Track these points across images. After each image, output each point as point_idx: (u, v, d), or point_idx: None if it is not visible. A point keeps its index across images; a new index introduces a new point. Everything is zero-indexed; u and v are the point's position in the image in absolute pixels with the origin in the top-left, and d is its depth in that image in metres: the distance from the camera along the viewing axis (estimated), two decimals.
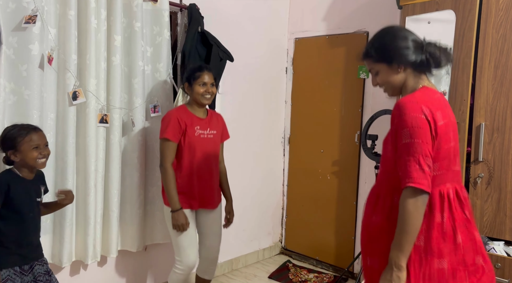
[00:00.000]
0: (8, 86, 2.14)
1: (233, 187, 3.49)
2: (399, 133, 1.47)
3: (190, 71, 2.50)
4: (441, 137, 1.47)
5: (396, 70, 1.57)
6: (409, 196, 1.43)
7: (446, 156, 1.51)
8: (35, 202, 1.98)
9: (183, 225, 2.39)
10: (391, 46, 1.56)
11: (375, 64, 1.61)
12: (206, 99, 2.47)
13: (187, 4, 2.91)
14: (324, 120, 3.62)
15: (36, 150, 1.91)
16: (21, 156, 1.89)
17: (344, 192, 3.51)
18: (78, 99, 2.36)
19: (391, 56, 1.56)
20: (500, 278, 2.24)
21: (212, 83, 2.50)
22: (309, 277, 3.44)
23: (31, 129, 1.92)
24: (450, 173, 1.54)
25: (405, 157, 1.45)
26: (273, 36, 3.72)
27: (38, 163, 1.93)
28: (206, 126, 2.50)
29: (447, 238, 1.49)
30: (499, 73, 2.31)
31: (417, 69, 1.56)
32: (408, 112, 1.44)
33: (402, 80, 1.58)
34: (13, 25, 2.12)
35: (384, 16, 3.19)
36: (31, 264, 1.97)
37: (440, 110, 1.49)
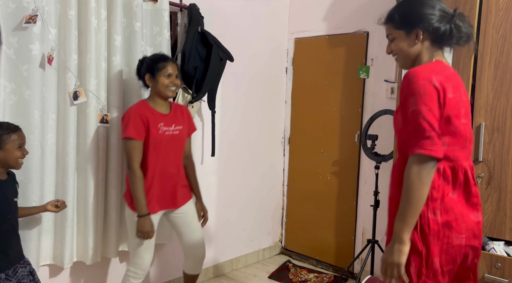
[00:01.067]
0: (8, 86, 2.14)
1: (233, 187, 3.51)
2: (407, 101, 1.44)
3: (152, 61, 2.33)
4: (450, 110, 1.43)
5: (413, 40, 1.53)
6: (414, 163, 1.38)
7: (459, 132, 1.47)
8: (13, 202, 1.92)
9: (148, 232, 2.25)
10: (416, 11, 1.52)
11: (394, 30, 1.58)
12: (171, 92, 2.33)
13: (187, 4, 2.91)
14: (324, 120, 3.62)
15: (20, 149, 1.88)
16: (4, 155, 1.85)
17: (344, 192, 3.52)
18: (79, 99, 2.36)
19: (414, 21, 1.52)
20: (500, 278, 2.24)
21: (177, 75, 2.36)
22: (309, 277, 3.44)
23: (15, 128, 1.89)
24: (466, 151, 1.51)
25: (412, 124, 1.41)
26: (273, 36, 3.72)
27: (18, 163, 1.90)
28: (170, 122, 2.36)
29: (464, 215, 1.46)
30: (499, 73, 2.31)
31: (436, 40, 1.52)
32: (417, 80, 1.41)
33: (417, 52, 1.55)
34: (13, 25, 2.12)
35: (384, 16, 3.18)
36: (14, 267, 1.92)
37: (451, 84, 1.45)
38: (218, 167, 3.36)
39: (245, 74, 3.50)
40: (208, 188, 3.30)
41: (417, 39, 1.53)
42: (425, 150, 1.36)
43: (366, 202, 3.36)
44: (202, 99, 3.02)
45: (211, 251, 3.38)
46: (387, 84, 3.20)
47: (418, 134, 1.39)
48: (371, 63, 3.31)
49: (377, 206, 3.02)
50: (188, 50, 2.81)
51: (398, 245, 1.41)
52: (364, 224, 3.40)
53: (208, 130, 3.18)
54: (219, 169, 3.38)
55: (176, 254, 3.04)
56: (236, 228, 3.58)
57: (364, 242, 3.37)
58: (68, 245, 2.40)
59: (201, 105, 3.10)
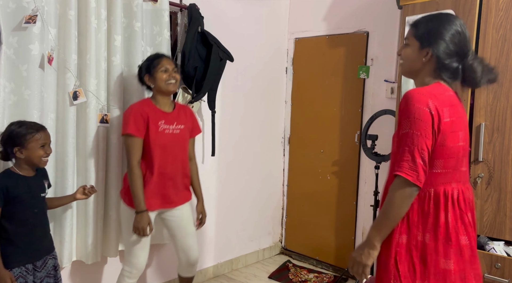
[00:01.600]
0: (8, 86, 2.13)
1: (233, 187, 3.51)
2: (401, 123, 1.46)
3: (148, 61, 2.35)
4: (446, 134, 1.45)
5: (422, 56, 1.53)
6: (398, 185, 1.44)
7: (453, 155, 1.48)
8: (39, 197, 2.03)
9: (143, 229, 2.23)
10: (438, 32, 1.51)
11: (412, 38, 1.57)
12: (171, 86, 2.32)
13: (187, 4, 2.91)
14: (324, 121, 3.62)
15: (43, 148, 1.97)
16: (27, 153, 1.94)
17: (344, 192, 3.52)
18: (79, 99, 2.36)
19: (430, 41, 1.51)
20: (500, 278, 2.24)
21: (174, 68, 2.35)
22: (309, 277, 3.44)
23: (39, 128, 1.99)
24: (457, 173, 1.52)
25: (402, 146, 1.45)
26: (273, 36, 3.72)
27: (42, 161, 1.99)
28: (172, 121, 2.35)
29: (451, 239, 1.48)
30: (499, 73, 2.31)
31: (440, 69, 1.52)
32: (413, 103, 1.43)
33: (420, 69, 1.55)
34: (13, 25, 2.12)
35: (384, 16, 3.19)
36: (44, 258, 2.03)
37: (449, 107, 1.46)
38: (218, 167, 3.36)
39: (245, 74, 3.50)
40: (208, 188, 3.30)
41: (425, 58, 1.53)
42: (405, 174, 1.42)
43: (366, 202, 3.36)
44: (202, 99, 3.02)
45: (211, 251, 3.38)
46: (387, 84, 3.20)
47: (404, 157, 1.43)
48: (371, 63, 3.31)
49: (377, 206, 3.02)
50: (188, 50, 2.81)
51: (368, 249, 1.50)
52: (364, 224, 3.40)
53: (208, 130, 3.18)
54: (219, 169, 3.38)
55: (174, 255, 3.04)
56: (236, 228, 3.58)
57: None
58: (67, 244, 2.40)
59: (201, 105, 3.10)
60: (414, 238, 1.50)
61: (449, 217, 1.48)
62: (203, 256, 3.31)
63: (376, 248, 1.50)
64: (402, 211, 1.45)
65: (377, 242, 1.49)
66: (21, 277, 1.93)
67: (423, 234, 1.49)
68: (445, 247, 1.48)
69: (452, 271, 1.47)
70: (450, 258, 1.48)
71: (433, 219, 1.48)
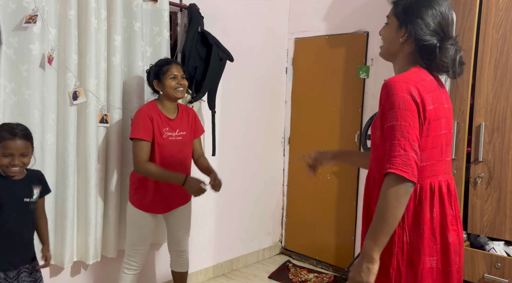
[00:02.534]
0: (8, 86, 2.13)
1: (234, 187, 3.50)
2: (385, 114, 1.35)
3: (157, 67, 2.40)
4: (430, 123, 1.36)
5: (399, 36, 1.44)
6: (390, 183, 1.30)
7: (437, 145, 1.39)
8: (22, 202, 1.88)
9: (200, 188, 2.33)
10: (416, 10, 1.41)
11: (392, 16, 1.49)
12: (179, 93, 2.38)
13: (187, 4, 2.91)
14: (324, 121, 3.62)
15: (7, 158, 1.80)
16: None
17: (344, 192, 3.52)
18: (79, 99, 2.36)
19: (408, 19, 1.42)
20: (500, 278, 2.24)
21: (182, 75, 2.41)
22: (309, 277, 3.44)
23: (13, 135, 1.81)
24: (442, 164, 1.42)
25: (389, 140, 1.32)
26: (273, 36, 3.72)
27: (7, 170, 1.83)
28: (175, 128, 2.41)
29: (437, 236, 1.40)
30: (499, 73, 2.31)
31: (419, 51, 1.42)
32: (396, 92, 1.32)
33: (397, 49, 1.46)
34: (13, 25, 2.12)
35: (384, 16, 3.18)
36: (18, 269, 1.88)
37: (431, 93, 1.37)
38: (218, 167, 3.36)
39: (245, 74, 3.50)
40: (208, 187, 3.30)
41: (402, 38, 1.44)
42: (400, 171, 1.28)
43: None
44: (202, 99, 3.02)
45: (211, 251, 3.38)
46: None
47: (394, 152, 1.30)
48: (371, 63, 3.31)
49: None
50: (188, 50, 2.81)
51: (367, 263, 1.33)
52: None
53: (209, 130, 3.18)
54: (220, 169, 3.37)
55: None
56: (236, 228, 3.58)
57: None
58: (68, 245, 2.41)
59: (201, 105, 3.10)
60: (399, 239, 1.40)
61: (435, 213, 1.39)
62: (203, 256, 3.31)
63: (376, 261, 1.33)
64: (399, 212, 1.31)
65: (376, 253, 1.32)
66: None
67: (408, 233, 1.39)
68: (430, 245, 1.39)
69: (436, 269, 1.40)
70: (434, 256, 1.40)
71: (418, 217, 1.38)
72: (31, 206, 1.93)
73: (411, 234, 1.39)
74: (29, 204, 1.92)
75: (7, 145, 1.80)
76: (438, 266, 1.41)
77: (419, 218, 1.39)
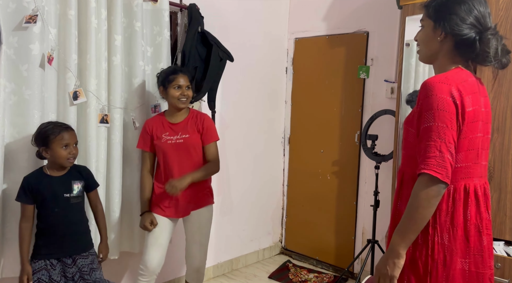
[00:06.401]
0: (8, 86, 2.13)
1: (233, 187, 3.51)
2: (423, 115, 1.35)
3: (164, 74, 2.44)
4: (468, 125, 1.36)
5: (436, 36, 1.43)
6: (423, 183, 1.31)
7: (473, 147, 1.39)
8: (62, 197, 2.07)
9: (145, 226, 2.43)
10: (450, 7, 1.41)
11: (425, 18, 1.48)
12: (182, 103, 2.41)
13: (187, 4, 2.91)
14: (324, 120, 3.62)
15: (66, 149, 2.03)
16: (51, 153, 2.02)
17: (344, 192, 3.52)
18: (79, 99, 2.35)
19: (442, 17, 1.41)
20: (500, 278, 2.24)
21: (188, 86, 2.43)
22: (309, 277, 3.44)
23: (63, 128, 2.05)
24: (478, 167, 1.42)
25: (425, 141, 1.33)
26: (273, 36, 3.72)
27: (67, 162, 2.06)
28: (177, 132, 2.42)
29: (470, 238, 1.40)
30: (499, 73, 2.31)
31: (459, 47, 1.41)
32: (435, 93, 1.32)
33: (437, 49, 1.45)
34: (13, 25, 2.12)
35: (384, 16, 3.19)
36: (73, 257, 2.10)
37: (471, 95, 1.37)
38: None
39: (245, 74, 3.50)
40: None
41: (440, 37, 1.43)
42: (434, 172, 1.29)
43: (366, 202, 3.36)
44: (202, 99, 3.02)
45: (211, 251, 3.38)
46: (387, 84, 3.20)
47: (429, 153, 1.31)
48: (371, 63, 3.31)
49: (377, 206, 3.02)
50: (188, 50, 2.81)
51: (393, 258, 1.38)
52: (364, 224, 3.40)
53: None
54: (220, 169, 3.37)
55: (176, 255, 3.04)
56: (236, 228, 3.58)
57: (364, 242, 3.37)
58: None
59: (201, 105, 3.10)
60: (431, 238, 1.40)
61: (469, 216, 1.39)
62: None
63: (402, 256, 1.37)
64: (429, 212, 1.33)
65: (402, 249, 1.36)
66: (44, 270, 2.04)
67: (440, 233, 1.39)
68: (463, 246, 1.39)
69: (468, 271, 1.40)
70: (467, 258, 1.40)
71: (451, 218, 1.39)
72: (72, 200, 2.10)
73: (443, 234, 1.39)
74: (70, 199, 2.10)
75: (64, 136, 2.02)
76: (471, 269, 1.41)
77: (452, 219, 1.40)
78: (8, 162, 2.14)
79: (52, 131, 2.01)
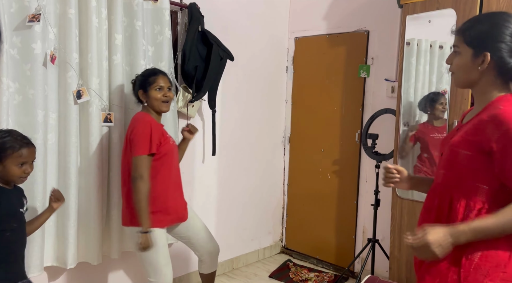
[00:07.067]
0: (12, 86, 2.13)
1: (234, 186, 3.51)
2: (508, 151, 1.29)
3: (143, 76, 2.31)
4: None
5: (478, 64, 1.37)
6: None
7: None
8: (19, 212, 1.84)
9: (146, 246, 2.15)
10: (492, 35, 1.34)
11: (463, 45, 1.40)
12: (164, 106, 2.29)
13: (187, 3, 2.91)
14: (324, 120, 3.62)
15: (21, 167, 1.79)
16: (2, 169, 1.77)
17: (344, 191, 3.52)
18: (83, 98, 2.35)
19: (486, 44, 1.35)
20: None
21: (169, 87, 2.31)
22: (309, 276, 3.44)
23: (24, 144, 1.80)
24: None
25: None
26: (273, 35, 3.72)
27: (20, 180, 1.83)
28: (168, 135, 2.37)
29: None
30: None
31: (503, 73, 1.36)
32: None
33: (477, 77, 1.39)
34: (16, 25, 2.12)
35: (385, 15, 3.19)
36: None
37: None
38: (218, 166, 3.36)
39: (245, 73, 3.50)
40: (209, 187, 3.31)
41: (481, 66, 1.36)
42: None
43: (366, 201, 3.37)
44: (203, 99, 3.02)
45: None
46: (387, 83, 3.20)
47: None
48: (371, 62, 3.31)
49: (377, 205, 3.02)
50: (188, 50, 2.81)
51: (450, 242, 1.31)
52: (364, 223, 3.40)
53: (209, 130, 3.18)
54: (220, 168, 3.38)
55: (178, 254, 3.04)
56: (236, 227, 3.58)
57: (364, 241, 3.37)
58: (72, 246, 2.39)
59: (202, 104, 3.10)
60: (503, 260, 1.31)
61: None
62: None
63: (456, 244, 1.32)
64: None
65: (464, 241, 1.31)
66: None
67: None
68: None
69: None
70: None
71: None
72: (23, 217, 1.87)
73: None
74: (23, 215, 1.87)
75: (23, 153, 1.78)
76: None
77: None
78: None
79: (10, 145, 1.75)
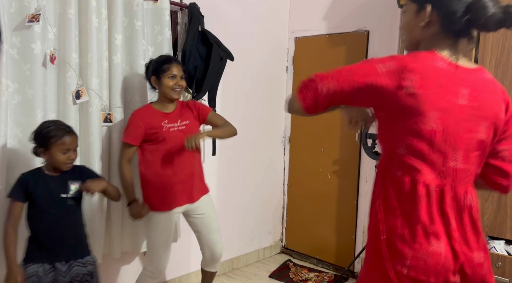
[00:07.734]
0: (11, 86, 2.13)
1: (234, 186, 3.51)
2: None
3: (157, 63, 2.37)
4: None
5: (420, 19, 1.23)
6: None
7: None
8: (58, 198, 1.96)
9: (137, 213, 2.33)
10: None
11: (408, 2, 1.29)
12: (176, 93, 2.37)
13: (187, 3, 2.91)
14: (324, 120, 3.61)
15: (65, 154, 1.93)
16: (49, 156, 1.93)
17: (344, 191, 3.52)
18: (82, 98, 2.35)
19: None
20: (500, 277, 2.24)
21: (182, 76, 2.39)
22: (309, 276, 3.44)
23: (65, 132, 1.94)
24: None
25: None
26: (273, 35, 3.72)
27: (65, 166, 1.97)
28: (176, 119, 2.40)
29: None
30: (499, 72, 2.31)
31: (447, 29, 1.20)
32: None
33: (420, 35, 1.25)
34: (16, 25, 2.12)
35: (385, 15, 3.19)
36: (69, 263, 1.98)
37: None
38: (218, 166, 3.36)
39: (245, 73, 3.50)
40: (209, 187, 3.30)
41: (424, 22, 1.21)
42: None
43: (366, 201, 3.36)
44: (203, 99, 3.02)
45: None
46: None
47: None
48: None
49: None
50: (188, 50, 2.81)
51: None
52: (364, 223, 3.40)
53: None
54: (220, 168, 3.38)
55: (180, 253, 3.04)
56: (236, 227, 3.58)
57: (364, 241, 3.37)
58: None
59: None
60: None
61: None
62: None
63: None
64: None
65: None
66: (35, 276, 1.90)
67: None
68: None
69: None
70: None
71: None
72: (69, 201, 1.98)
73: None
74: (67, 200, 1.98)
75: (65, 141, 1.92)
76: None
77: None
78: (12, 162, 2.14)
79: (54, 134, 1.91)
